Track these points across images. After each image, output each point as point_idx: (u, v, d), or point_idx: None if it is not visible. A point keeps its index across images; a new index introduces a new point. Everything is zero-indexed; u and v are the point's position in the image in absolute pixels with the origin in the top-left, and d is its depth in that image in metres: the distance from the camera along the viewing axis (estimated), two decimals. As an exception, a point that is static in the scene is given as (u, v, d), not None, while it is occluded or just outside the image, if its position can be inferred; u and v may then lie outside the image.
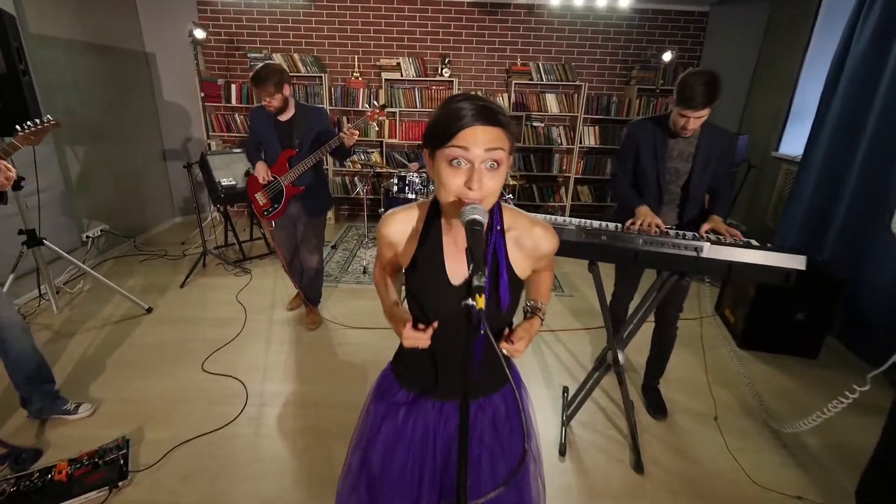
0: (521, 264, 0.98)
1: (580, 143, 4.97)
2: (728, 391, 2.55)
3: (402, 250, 1.02)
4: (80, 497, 1.77)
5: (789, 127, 4.15)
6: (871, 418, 1.97)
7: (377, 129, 4.93)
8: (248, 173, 3.98)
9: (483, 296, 0.71)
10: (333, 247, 4.48)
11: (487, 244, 0.94)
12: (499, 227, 0.95)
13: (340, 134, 2.58)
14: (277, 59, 4.74)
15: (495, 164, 0.83)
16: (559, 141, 5.02)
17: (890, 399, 1.66)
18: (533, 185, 5.20)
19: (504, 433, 1.10)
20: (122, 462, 1.91)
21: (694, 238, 1.77)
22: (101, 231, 3.97)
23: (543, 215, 1.42)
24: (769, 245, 1.73)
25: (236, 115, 4.92)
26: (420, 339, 0.93)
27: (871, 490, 1.66)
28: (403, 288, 1.10)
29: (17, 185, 2.53)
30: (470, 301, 0.71)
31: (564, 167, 5.16)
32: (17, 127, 1.83)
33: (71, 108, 3.62)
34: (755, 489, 1.92)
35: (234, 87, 4.81)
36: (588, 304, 3.54)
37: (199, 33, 3.93)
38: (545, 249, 0.99)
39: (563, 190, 5.23)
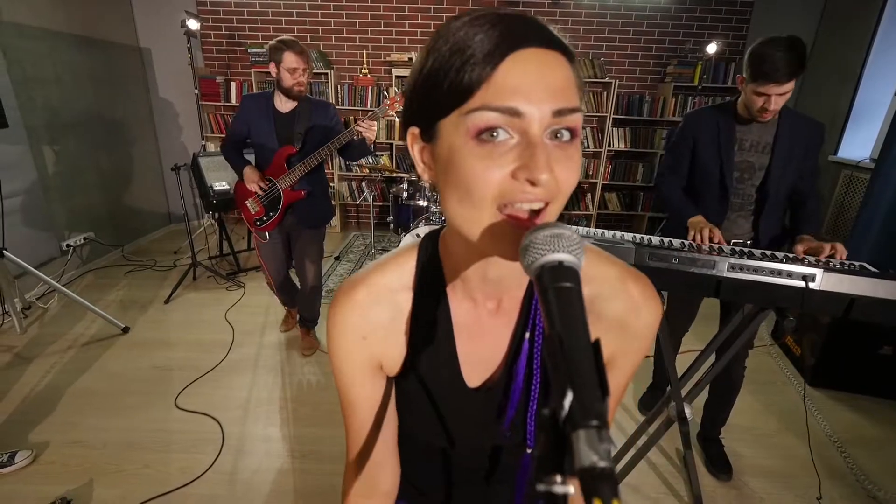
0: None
1: (608, 146, 4.53)
2: (800, 440, 2.08)
3: (386, 357, 0.59)
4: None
5: (850, 128, 3.67)
6: None
7: (387, 123, 4.56)
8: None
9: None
10: (337, 258, 4.10)
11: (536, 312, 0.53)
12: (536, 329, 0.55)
13: (356, 127, 2.18)
14: (280, 54, 4.40)
15: (569, 134, 0.42)
16: (585, 144, 4.58)
17: None
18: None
19: None
20: (56, 533, 1.52)
21: (796, 261, 1.32)
22: (85, 239, 3.63)
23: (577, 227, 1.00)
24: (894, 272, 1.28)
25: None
26: None
27: None
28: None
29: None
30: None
31: (591, 172, 4.71)
32: None
33: (51, 104, 3.31)
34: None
35: (233, 84, 4.48)
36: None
37: (193, 24, 3.59)
38: (643, 324, 0.56)
39: (588, 197, 4.79)
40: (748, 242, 1.73)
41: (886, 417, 2.28)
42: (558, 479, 0.26)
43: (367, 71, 4.50)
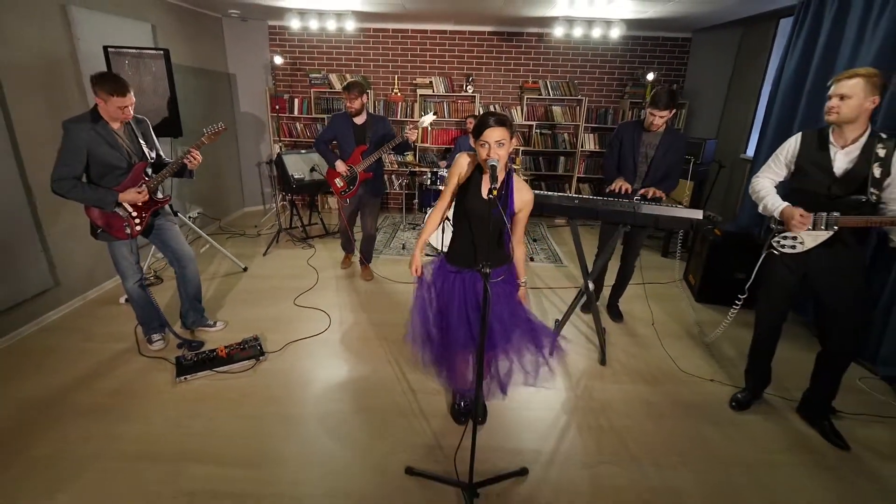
0: (517, 199, 1.93)
1: (582, 147, 5.91)
2: (680, 324, 3.44)
3: (462, 175, 1.99)
4: (237, 363, 2.77)
5: (753, 133, 5.01)
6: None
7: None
8: (312, 169, 5.04)
9: (497, 188, 1.65)
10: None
11: (506, 182, 1.91)
12: (495, 185, 1.93)
13: (406, 133, 3.56)
14: (332, 78, 5.82)
15: (499, 144, 1.80)
16: (564, 146, 5.97)
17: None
18: (542, 183, 6.15)
19: (506, 286, 2.05)
20: (258, 347, 2.91)
21: (637, 202, 2.70)
22: (199, 213, 5.05)
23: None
24: (680, 205, 2.65)
25: (297, 124, 6.02)
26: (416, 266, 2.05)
27: (751, 368, 2.54)
28: (451, 212, 2.09)
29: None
30: (494, 191, 1.65)
31: (569, 168, 6.10)
32: (204, 130, 2.85)
33: (183, 119, 4.71)
34: (682, 374, 2.82)
35: (296, 100, 5.91)
36: (578, 272, 4.45)
37: (278, 60, 5.02)
38: (526, 198, 1.94)
39: (567, 186, 6.16)
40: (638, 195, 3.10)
41: (739, 319, 3.62)
42: (494, 190, 1.66)
43: (397, 91, 5.91)
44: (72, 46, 3.34)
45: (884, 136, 1.89)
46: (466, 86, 5.81)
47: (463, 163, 1.99)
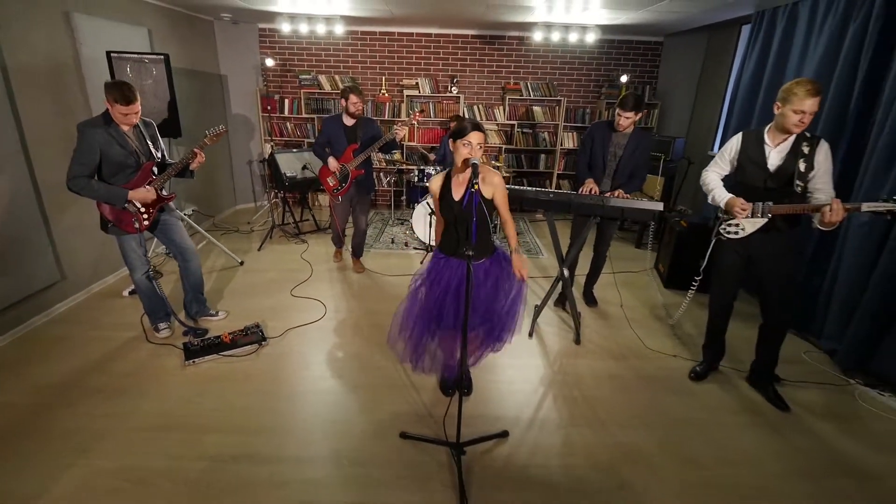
0: (484, 190, 2.17)
1: (561, 145, 6.22)
2: (648, 308, 3.76)
3: (436, 193, 2.23)
4: (241, 348, 2.99)
5: (719, 131, 5.36)
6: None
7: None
8: (304, 167, 5.25)
9: (478, 186, 1.91)
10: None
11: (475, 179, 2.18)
12: (476, 181, 2.16)
13: (394, 130, 3.79)
14: (322, 79, 6.02)
15: (480, 147, 2.06)
16: (544, 144, 6.26)
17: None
18: (524, 180, 6.43)
19: (491, 276, 2.31)
20: (260, 333, 3.13)
21: (605, 196, 2.99)
22: (193, 211, 5.22)
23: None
24: (652, 199, 2.95)
25: (287, 124, 6.20)
26: None
27: (707, 343, 2.86)
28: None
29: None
30: (475, 186, 1.90)
31: (549, 165, 6.40)
32: (207, 132, 3.04)
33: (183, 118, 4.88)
34: (648, 351, 3.13)
35: (286, 101, 6.09)
36: (555, 262, 4.75)
37: (270, 62, 5.21)
38: (495, 181, 2.19)
39: (547, 183, 6.46)
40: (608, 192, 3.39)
41: (701, 302, 3.95)
42: (473, 187, 1.92)
43: (385, 91, 6.14)
44: (75, 51, 3.50)
45: (808, 135, 2.20)
46: (451, 87, 6.06)
47: (436, 185, 2.23)
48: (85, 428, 2.29)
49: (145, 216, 2.86)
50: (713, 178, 2.52)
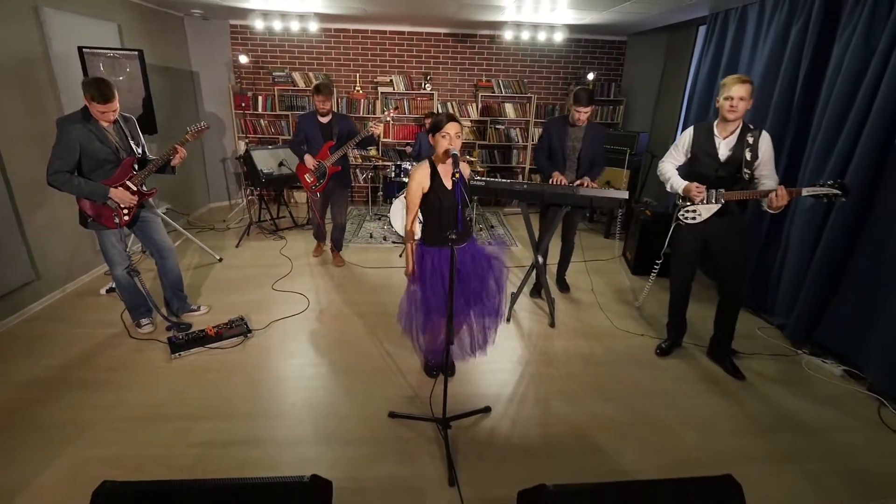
0: (466, 174, 2.31)
1: (532, 140, 6.42)
2: (617, 293, 3.98)
3: (426, 184, 2.33)
4: (227, 340, 3.04)
5: (680, 127, 5.66)
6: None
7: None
8: (280, 164, 5.26)
9: (458, 175, 2.04)
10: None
11: (456, 168, 2.30)
12: (458, 169, 2.30)
13: (370, 127, 3.88)
14: (296, 76, 6.03)
15: (458, 137, 2.19)
16: (516, 140, 6.45)
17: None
18: (497, 175, 6.60)
19: (473, 263, 2.44)
20: (245, 325, 3.18)
21: (574, 186, 3.18)
22: (166, 209, 5.15)
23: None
24: (611, 189, 3.15)
25: (261, 121, 6.18)
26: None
27: (671, 321, 3.08)
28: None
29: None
30: (456, 175, 2.04)
31: (521, 160, 6.59)
32: (188, 128, 3.07)
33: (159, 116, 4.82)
34: (617, 331, 3.33)
35: (260, 98, 6.07)
36: (529, 254, 4.94)
37: (243, 59, 5.19)
38: (467, 172, 2.33)
39: (520, 177, 6.66)
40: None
41: (663, 285, 4.20)
42: (455, 175, 2.05)
43: (359, 88, 6.20)
44: (45, 46, 3.45)
45: (752, 127, 2.44)
46: (425, 84, 6.17)
47: (423, 175, 2.28)
48: (71, 421, 2.31)
49: (126, 212, 2.87)
50: (669, 168, 2.74)
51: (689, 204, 2.64)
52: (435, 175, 2.31)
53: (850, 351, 2.92)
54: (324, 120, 3.98)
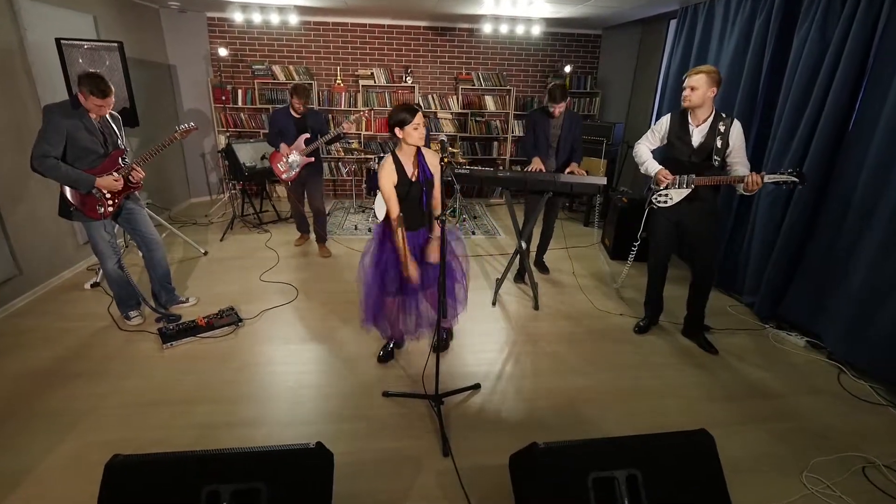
0: (430, 166, 2.39)
1: (512, 133, 6.55)
2: (597, 277, 4.15)
3: (394, 177, 2.38)
4: (218, 330, 3.08)
5: (654, 117, 5.87)
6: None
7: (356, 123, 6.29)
8: (263, 157, 5.26)
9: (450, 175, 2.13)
10: (327, 215, 5.80)
11: (420, 158, 2.38)
12: (422, 156, 2.38)
13: (344, 125, 3.99)
14: (276, 69, 6.01)
15: (424, 127, 2.28)
16: (496, 132, 6.57)
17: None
18: (479, 166, 6.72)
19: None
20: (236, 315, 3.22)
21: (555, 174, 3.31)
22: (148, 202, 5.10)
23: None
24: (589, 176, 3.30)
25: (241, 114, 6.14)
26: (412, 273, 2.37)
27: (648, 300, 3.25)
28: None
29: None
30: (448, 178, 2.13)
31: (501, 152, 6.72)
32: (177, 127, 3.07)
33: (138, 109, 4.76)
34: (598, 312, 3.50)
35: (240, 91, 6.03)
36: (512, 242, 5.09)
37: (223, 52, 5.16)
38: (434, 162, 2.41)
39: (501, 168, 6.78)
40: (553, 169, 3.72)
41: (640, 270, 4.40)
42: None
43: (340, 81, 6.21)
44: (19, 37, 3.39)
45: (724, 116, 2.60)
46: (406, 77, 6.23)
47: (389, 170, 2.33)
48: (70, 408, 2.34)
49: (110, 202, 2.87)
50: (644, 151, 2.90)
51: (661, 188, 2.80)
52: (399, 167, 2.36)
53: (811, 323, 3.14)
54: (297, 115, 4.08)
